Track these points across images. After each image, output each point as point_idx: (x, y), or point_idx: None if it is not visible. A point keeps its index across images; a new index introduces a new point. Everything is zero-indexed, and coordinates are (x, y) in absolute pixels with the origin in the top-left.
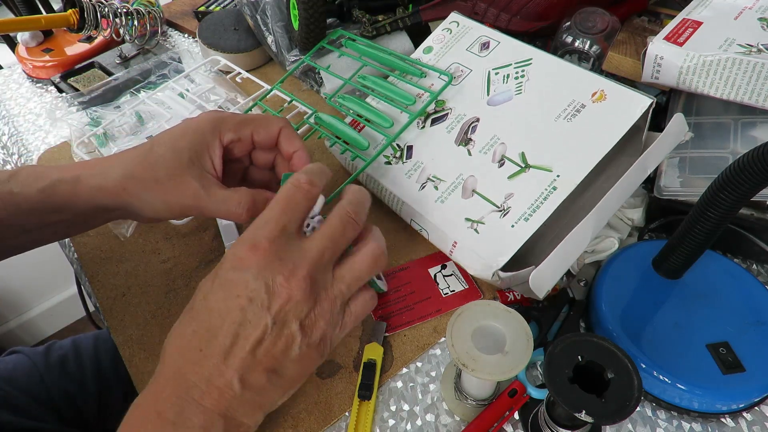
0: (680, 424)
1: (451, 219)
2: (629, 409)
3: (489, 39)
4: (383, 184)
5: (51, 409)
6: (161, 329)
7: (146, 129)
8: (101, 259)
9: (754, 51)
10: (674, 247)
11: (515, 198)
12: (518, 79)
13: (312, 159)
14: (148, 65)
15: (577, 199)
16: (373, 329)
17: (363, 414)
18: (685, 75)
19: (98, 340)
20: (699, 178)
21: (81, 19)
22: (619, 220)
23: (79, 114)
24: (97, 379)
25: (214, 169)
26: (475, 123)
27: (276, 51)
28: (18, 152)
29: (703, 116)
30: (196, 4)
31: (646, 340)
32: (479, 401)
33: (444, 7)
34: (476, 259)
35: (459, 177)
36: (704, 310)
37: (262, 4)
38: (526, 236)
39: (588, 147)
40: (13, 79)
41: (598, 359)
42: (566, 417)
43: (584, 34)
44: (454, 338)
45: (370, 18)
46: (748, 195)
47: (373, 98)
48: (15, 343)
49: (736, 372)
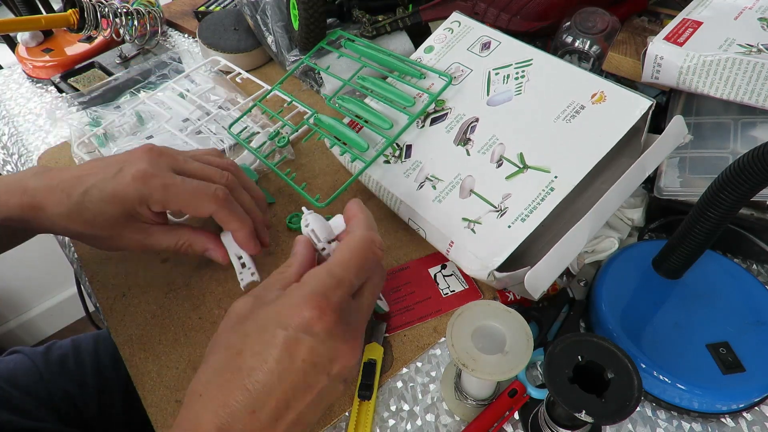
0: (680, 424)
1: (448, 219)
2: (629, 409)
3: (490, 39)
4: (382, 183)
5: (51, 408)
6: (161, 329)
7: (146, 129)
8: (101, 259)
9: (754, 51)
10: (674, 247)
11: (513, 198)
12: (518, 79)
13: (312, 159)
14: (148, 65)
15: (575, 200)
16: (373, 329)
17: (363, 414)
18: (685, 75)
19: (98, 340)
20: (699, 178)
21: (81, 19)
22: (619, 220)
23: (79, 114)
24: (97, 378)
25: (153, 220)
26: (474, 123)
27: (276, 51)
28: (18, 152)
29: (703, 116)
30: (196, 4)
31: (646, 340)
32: (479, 401)
33: (444, 7)
34: (472, 259)
35: (457, 177)
36: (704, 310)
37: (262, 4)
38: (522, 237)
39: (586, 148)
40: (13, 79)
41: (598, 359)
42: (566, 417)
43: (584, 34)
44: (454, 338)
45: (370, 18)
46: (748, 195)
47: (373, 99)
48: (15, 343)
49: (736, 372)
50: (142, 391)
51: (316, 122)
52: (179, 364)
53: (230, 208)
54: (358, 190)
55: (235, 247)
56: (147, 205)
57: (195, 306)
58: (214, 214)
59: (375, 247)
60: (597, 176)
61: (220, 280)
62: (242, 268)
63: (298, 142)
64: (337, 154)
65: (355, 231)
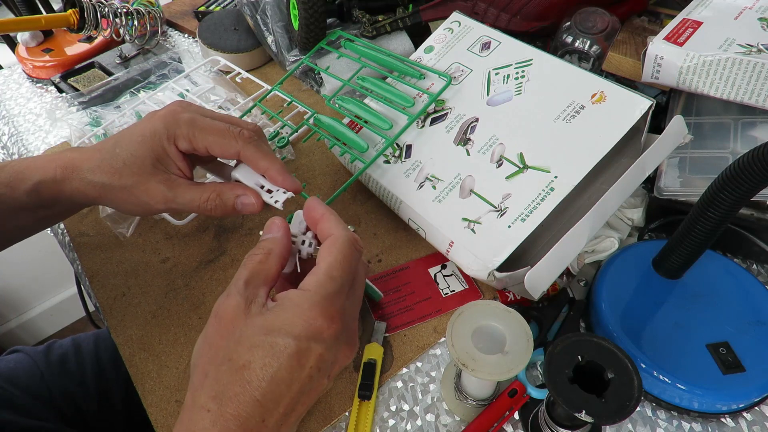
0: (680, 424)
1: (448, 218)
2: (629, 409)
3: (490, 39)
4: (382, 183)
5: (51, 408)
6: (161, 329)
7: None
8: (101, 259)
9: (754, 51)
10: (674, 247)
11: (512, 198)
12: (518, 79)
13: (312, 159)
14: (148, 65)
15: (575, 200)
16: (373, 329)
17: (363, 414)
18: (685, 75)
19: (99, 339)
20: (699, 178)
21: (81, 19)
22: (619, 220)
23: (79, 114)
24: (98, 378)
25: (180, 169)
26: (474, 123)
27: (276, 51)
28: (18, 152)
29: (703, 116)
30: (196, 4)
31: (646, 340)
32: (479, 401)
33: (444, 7)
34: (472, 259)
35: (457, 177)
36: (704, 310)
37: (262, 4)
38: (522, 237)
39: (586, 148)
40: (13, 79)
41: (598, 359)
42: (566, 417)
43: (584, 34)
44: (454, 338)
45: (370, 18)
46: (748, 195)
47: (372, 99)
48: (15, 343)
49: (736, 372)
50: (142, 391)
51: (316, 122)
52: (179, 364)
53: (257, 146)
54: (358, 190)
55: (254, 176)
56: (174, 141)
57: (195, 306)
58: (241, 153)
59: (358, 245)
60: (597, 176)
61: (220, 280)
62: (270, 194)
63: (298, 143)
64: (337, 155)
65: (335, 231)
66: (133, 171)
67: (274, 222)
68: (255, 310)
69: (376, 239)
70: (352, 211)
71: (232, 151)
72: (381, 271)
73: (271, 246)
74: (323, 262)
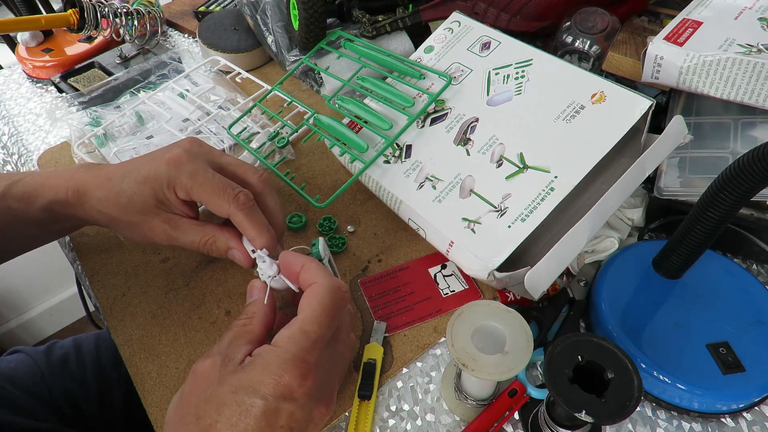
0: (680, 424)
1: (448, 218)
2: (629, 409)
3: (490, 39)
4: (382, 183)
5: (52, 408)
6: (161, 329)
7: (146, 129)
8: (101, 259)
9: (754, 51)
10: (674, 247)
11: (512, 198)
12: (518, 79)
13: (312, 160)
14: (148, 65)
15: (575, 200)
16: (373, 329)
17: (363, 414)
18: (685, 75)
19: (99, 340)
20: (699, 178)
21: (81, 19)
22: (619, 220)
23: (79, 114)
24: (98, 378)
25: (183, 211)
26: (474, 123)
27: (276, 51)
28: (18, 152)
29: (703, 116)
30: (196, 4)
31: (646, 340)
32: (479, 401)
33: (444, 7)
34: (472, 259)
35: (457, 177)
36: (704, 310)
37: (262, 4)
38: (522, 237)
39: (586, 148)
40: (13, 79)
41: (598, 359)
42: (566, 417)
43: (584, 34)
44: (454, 338)
45: (370, 18)
46: (748, 195)
47: (372, 100)
48: (15, 343)
49: (736, 372)
50: (142, 391)
51: (316, 123)
52: (179, 364)
53: (248, 214)
54: (358, 190)
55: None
56: (174, 189)
57: (195, 306)
58: (231, 216)
59: (342, 292)
60: (597, 176)
61: (220, 280)
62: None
63: (298, 143)
64: (337, 155)
65: (317, 279)
66: (137, 209)
67: (254, 286)
68: (230, 368)
69: (376, 239)
70: (352, 211)
71: (224, 213)
72: (381, 271)
73: (254, 309)
74: (300, 314)
